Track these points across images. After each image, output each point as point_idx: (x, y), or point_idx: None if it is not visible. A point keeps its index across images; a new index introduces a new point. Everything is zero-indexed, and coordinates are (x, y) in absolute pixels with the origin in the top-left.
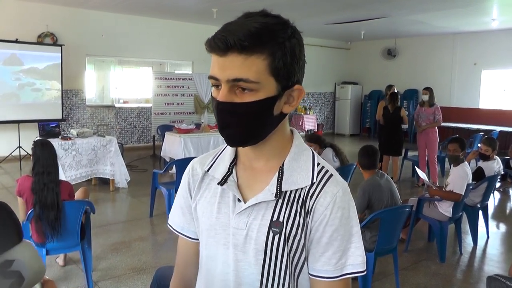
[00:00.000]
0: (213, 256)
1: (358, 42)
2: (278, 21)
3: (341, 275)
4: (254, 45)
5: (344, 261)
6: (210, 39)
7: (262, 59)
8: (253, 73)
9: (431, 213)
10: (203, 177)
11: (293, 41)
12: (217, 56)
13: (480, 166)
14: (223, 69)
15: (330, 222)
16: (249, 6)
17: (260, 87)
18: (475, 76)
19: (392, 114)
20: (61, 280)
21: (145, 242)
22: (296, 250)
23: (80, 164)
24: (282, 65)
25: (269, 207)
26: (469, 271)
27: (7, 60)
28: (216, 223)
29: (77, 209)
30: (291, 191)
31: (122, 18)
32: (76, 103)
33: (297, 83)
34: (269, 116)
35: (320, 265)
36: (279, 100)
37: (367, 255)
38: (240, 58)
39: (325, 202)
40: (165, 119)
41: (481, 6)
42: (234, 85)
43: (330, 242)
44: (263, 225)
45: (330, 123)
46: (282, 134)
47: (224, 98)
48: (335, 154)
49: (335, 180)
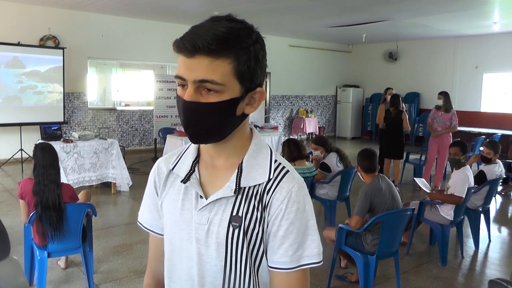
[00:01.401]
0: (177, 250)
1: (359, 45)
2: (243, 26)
3: (297, 266)
4: (221, 49)
5: (301, 253)
6: (179, 40)
7: (228, 62)
8: (219, 75)
9: (432, 217)
10: (168, 175)
11: (257, 46)
12: (185, 57)
13: (482, 169)
14: (190, 70)
15: (286, 216)
16: (250, 9)
17: (225, 89)
18: (477, 79)
19: (394, 118)
20: (62, 282)
21: (147, 245)
22: (255, 243)
23: (83, 168)
24: (247, 69)
25: (229, 203)
26: (470, 274)
27: (9, 63)
28: (180, 219)
29: (79, 212)
30: (250, 187)
31: (124, 21)
32: (77, 106)
33: (259, 85)
34: (231, 116)
35: (278, 257)
36: (242, 102)
37: (368, 258)
38: (206, 60)
39: (281, 197)
40: (166, 122)
41: (482, 10)
42: (200, 85)
43: (286, 235)
44: (224, 220)
45: (331, 126)
46: (243, 133)
47: (190, 98)
48: (339, 159)
49: (291, 176)
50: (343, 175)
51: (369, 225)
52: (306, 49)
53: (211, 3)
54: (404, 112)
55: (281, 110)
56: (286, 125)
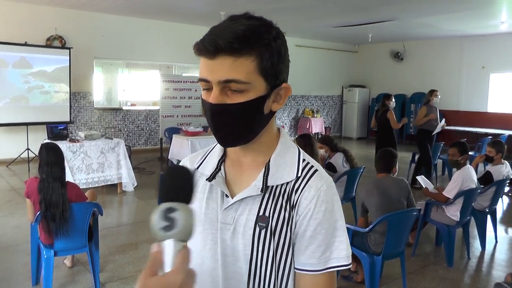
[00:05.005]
0: (201, 251)
1: (365, 45)
2: (262, 22)
3: (325, 268)
4: (242, 47)
5: (329, 255)
6: (199, 42)
7: (251, 60)
8: (243, 74)
9: (438, 217)
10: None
11: (278, 42)
12: (206, 59)
13: (488, 170)
14: (213, 71)
15: (314, 216)
16: (256, 8)
17: (250, 87)
18: (483, 79)
19: (380, 117)
20: (68, 281)
21: (153, 244)
22: (283, 245)
23: (90, 168)
24: (270, 65)
25: (256, 202)
26: (477, 276)
27: (17, 63)
28: (204, 219)
29: (85, 211)
30: (277, 186)
31: (130, 21)
32: (84, 106)
33: (284, 81)
34: (259, 115)
35: (305, 258)
36: (268, 99)
37: (374, 259)
38: (229, 60)
39: (309, 196)
40: (172, 122)
41: (489, 9)
42: (225, 86)
43: (314, 236)
44: (250, 220)
45: (337, 126)
46: (270, 131)
47: (216, 100)
48: (345, 159)
49: (320, 175)
50: (349, 175)
51: (375, 225)
52: (312, 49)
53: (216, 3)
54: (390, 110)
55: (287, 110)
56: (292, 125)
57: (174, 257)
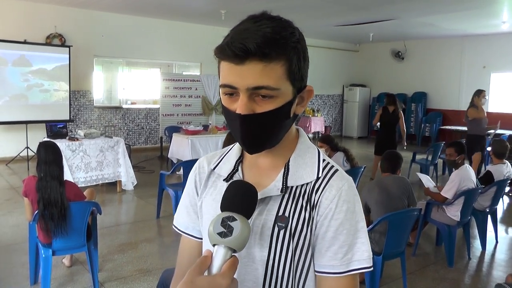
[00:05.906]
0: None
1: (366, 44)
2: (285, 24)
3: (347, 270)
4: (273, 51)
5: (351, 257)
6: (224, 46)
7: (281, 65)
8: (273, 79)
9: (439, 217)
10: (209, 175)
11: (303, 44)
12: (233, 64)
13: (489, 170)
14: (242, 77)
15: (335, 216)
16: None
17: (279, 93)
18: (484, 79)
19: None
20: (67, 280)
21: (152, 243)
22: (302, 247)
23: (89, 167)
24: (298, 69)
25: (275, 203)
26: (477, 276)
27: (16, 61)
28: None
29: (84, 210)
30: (297, 186)
31: (130, 19)
32: (83, 104)
33: (306, 83)
34: (286, 120)
35: (326, 260)
36: (294, 103)
37: (374, 258)
38: (260, 65)
39: (330, 195)
40: (172, 121)
41: (491, 9)
42: (253, 93)
43: (336, 236)
44: (269, 220)
45: (338, 126)
46: (290, 132)
47: (246, 108)
48: (346, 159)
49: (340, 175)
50: (349, 174)
51: (375, 225)
52: (313, 48)
53: (218, 2)
54: (401, 112)
55: None
56: None
57: (222, 263)
